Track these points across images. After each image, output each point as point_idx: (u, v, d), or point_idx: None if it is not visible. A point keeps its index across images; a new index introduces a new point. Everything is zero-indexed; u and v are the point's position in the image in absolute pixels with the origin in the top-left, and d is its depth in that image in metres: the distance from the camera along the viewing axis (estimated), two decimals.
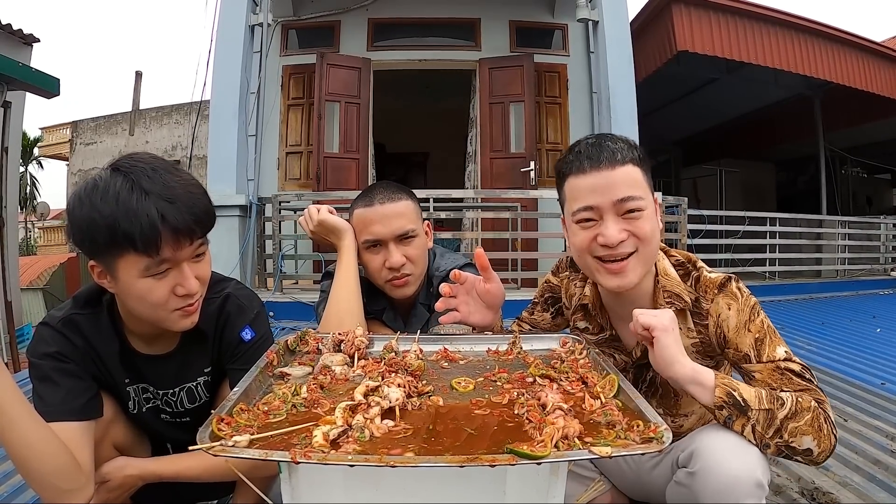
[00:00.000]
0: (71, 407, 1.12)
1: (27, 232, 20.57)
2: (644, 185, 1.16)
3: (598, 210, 1.15)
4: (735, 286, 1.16)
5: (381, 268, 1.55)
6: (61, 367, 1.14)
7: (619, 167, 1.14)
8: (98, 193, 1.01)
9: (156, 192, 1.02)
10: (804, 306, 5.78)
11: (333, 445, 0.75)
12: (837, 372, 3.02)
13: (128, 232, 0.99)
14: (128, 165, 1.05)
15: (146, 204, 1.00)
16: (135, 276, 1.04)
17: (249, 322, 1.27)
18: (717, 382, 0.98)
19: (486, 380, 1.05)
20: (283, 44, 6.57)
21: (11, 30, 6.78)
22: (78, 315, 1.19)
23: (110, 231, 0.99)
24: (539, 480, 0.81)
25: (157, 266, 1.04)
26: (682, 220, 5.49)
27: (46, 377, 1.13)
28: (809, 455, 0.97)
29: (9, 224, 6.05)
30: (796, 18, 7.04)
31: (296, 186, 6.37)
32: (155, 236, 1.00)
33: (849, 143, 10.37)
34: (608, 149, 1.15)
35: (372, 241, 1.54)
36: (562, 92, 6.62)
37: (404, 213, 1.55)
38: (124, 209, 0.99)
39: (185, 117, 15.92)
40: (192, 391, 1.29)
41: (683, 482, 1.05)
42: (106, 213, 0.99)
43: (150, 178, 1.03)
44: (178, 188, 1.05)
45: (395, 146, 9.97)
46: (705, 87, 8.69)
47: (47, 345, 1.15)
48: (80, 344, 1.18)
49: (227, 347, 1.26)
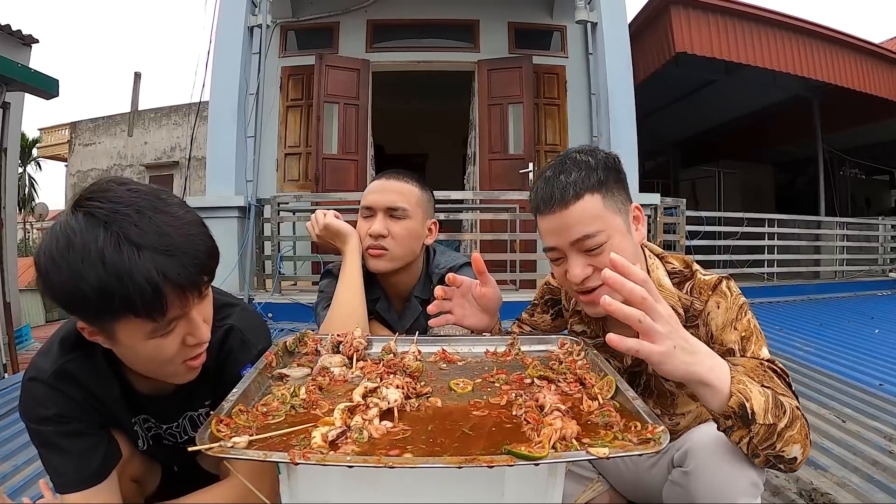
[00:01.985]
0: (88, 472, 1.04)
1: (26, 233, 20.53)
2: (603, 213, 1.12)
3: (559, 250, 1.16)
4: (726, 286, 1.16)
5: (365, 235, 1.59)
6: (65, 429, 1.03)
7: (573, 203, 1.11)
8: (76, 254, 0.83)
9: (149, 244, 0.84)
10: (802, 307, 5.79)
11: (332, 446, 0.75)
12: (836, 373, 3.02)
13: (125, 298, 0.83)
14: (105, 212, 0.85)
15: (141, 263, 0.83)
16: (140, 340, 0.91)
17: (252, 360, 1.12)
18: (733, 390, 0.88)
19: (485, 381, 1.05)
20: (282, 45, 6.58)
21: (10, 30, 6.78)
22: (69, 362, 1.05)
23: (102, 299, 0.83)
24: (537, 481, 0.81)
25: (165, 326, 0.91)
26: (680, 222, 5.50)
27: (52, 444, 1.03)
28: (793, 463, 0.94)
29: (7, 225, 6.04)
30: (794, 20, 7.06)
31: (295, 188, 6.37)
32: (159, 300, 0.85)
33: (847, 144, 10.40)
34: (560, 185, 1.12)
35: (365, 207, 1.60)
36: (560, 93, 6.64)
37: (402, 191, 1.60)
38: (115, 273, 0.82)
39: (184, 118, 15.93)
40: (194, 420, 1.21)
41: (679, 481, 1.05)
42: (92, 281, 0.82)
43: (137, 226, 0.85)
44: (174, 235, 0.88)
45: (393, 147, 9.97)
46: (704, 88, 8.71)
47: (44, 407, 1.03)
48: (78, 396, 1.05)
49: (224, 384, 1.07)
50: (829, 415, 2.44)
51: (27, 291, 9.56)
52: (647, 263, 1.23)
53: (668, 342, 0.84)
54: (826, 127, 9.04)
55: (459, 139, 7.17)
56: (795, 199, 11.18)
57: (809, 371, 3.10)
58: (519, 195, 5.54)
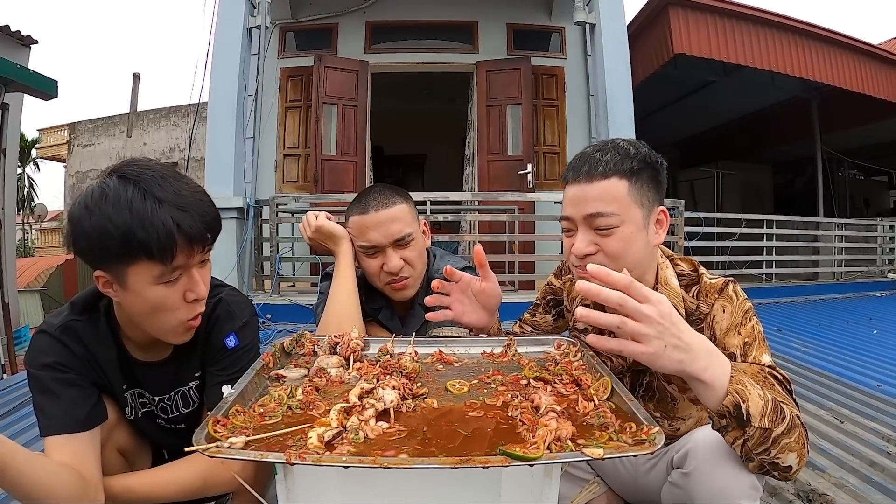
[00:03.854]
0: (75, 419, 1.11)
1: (25, 234, 20.53)
2: (625, 199, 1.13)
3: (572, 221, 1.17)
4: (732, 289, 1.16)
5: (378, 271, 1.55)
6: (61, 377, 1.13)
7: (598, 181, 1.13)
8: (108, 203, 1.00)
9: (168, 200, 1.03)
10: (801, 308, 5.80)
11: (328, 447, 0.75)
12: (834, 374, 3.03)
13: (144, 240, 0.99)
14: (135, 173, 1.04)
15: (161, 212, 1.01)
16: (147, 284, 1.04)
17: (236, 330, 1.26)
18: (731, 389, 0.88)
19: (481, 382, 1.05)
20: (281, 46, 6.58)
21: (9, 31, 6.78)
22: (76, 321, 1.18)
23: (124, 240, 0.99)
24: (533, 482, 0.81)
25: (171, 273, 1.05)
26: (679, 223, 5.50)
27: (47, 389, 1.12)
28: (787, 472, 0.93)
29: (6, 225, 6.04)
30: (793, 21, 7.07)
31: (293, 189, 6.38)
32: (171, 244, 1.01)
33: (846, 145, 10.42)
34: (592, 161, 1.15)
35: (369, 248, 1.54)
36: (559, 94, 6.64)
37: (399, 217, 1.54)
38: (139, 218, 0.99)
39: (183, 119, 15.92)
40: (185, 395, 1.29)
41: (678, 483, 1.05)
42: (119, 223, 0.99)
43: (160, 186, 1.03)
44: (188, 196, 1.06)
45: (392, 148, 9.98)
46: (702, 89, 8.72)
47: (46, 354, 1.14)
48: (79, 351, 1.17)
49: (210, 351, 1.26)
50: (827, 416, 2.44)
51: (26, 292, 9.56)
52: (658, 262, 1.23)
53: (657, 342, 0.84)
54: (824, 128, 9.05)
55: (458, 140, 7.17)
56: (794, 200, 11.21)
57: (808, 372, 3.11)
58: (517, 196, 5.55)
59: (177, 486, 1.15)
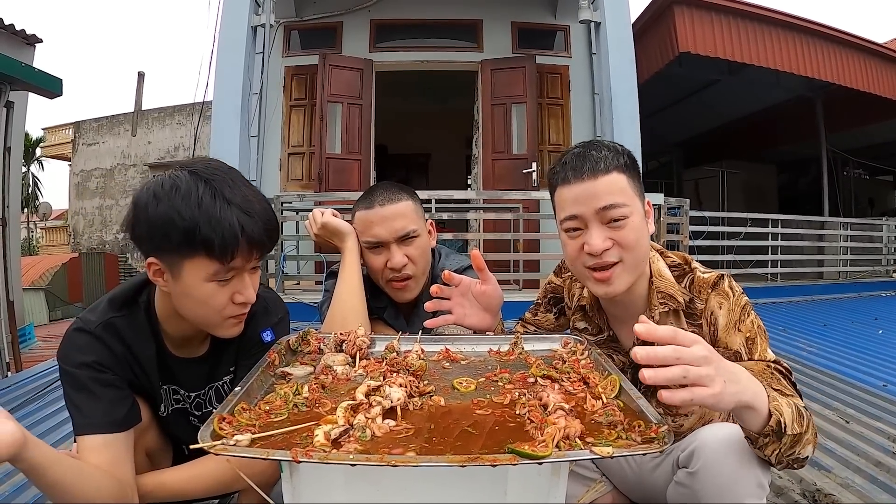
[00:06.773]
0: (113, 419, 1.10)
1: (29, 232, 20.61)
2: (629, 191, 1.16)
3: (582, 219, 1.16)
4: (727, 285, 1.16)
5: (382, 268, 1.56)
6: (100, 377, 1.12)
7: (603, 176, 1.14)
8: (179, 195, 1.03)
9: (237, 203, 1.05)
10: (806, 308, 5.78)
11: (335, 445, 0.75)
12: (839, 373, 3.02)
13: (207, 237, 1.02)
14: (208, 172, 1.07)
15: (228, 213, 1.03)
16: (200, 279, 1.06)
17: (273, 325, 1.29)
18: (772, 408, 0.87)
19: (488, 380, 1.05)
20: (286, 45, 6.58)
21: (14, 30, 6.80)
22: (117, 318, 1.18)
23: (188, 234, 1.01)
24: (540, 480, 0.81)
25: (225, 273, 1.07)
26: (683, 222, 5.48)
27: (84, 387, 1.11)
28: (805, 461, 0.95)
29: (11, 224, 6.06)
30: (798, 20, 7.04)
31: (298, 187, 6.37)
32: (233, 245, 1.04)
33: (850, 144, 10.37)
34: (591, 158, 1.16)
35: (373, 243, 1.55)
36: (564, 93, 6.62)
37: (405, 213, 1.55)
38: (206, 215, 1.02)
39: (188, 118, 15.97)
40: (219, 391, 1.30)
41: (684, 482, 1.05)
42: (186, 216, 1.01)
43: (230, 188, 1.06)
44: (255, 203, 1.09)
45: (397, 147, 9.96)
46: (707, 88, 8.69)
47: (84, 353, 1.13)
48: (119, 350, 1.16)
49: (246, 344, 1.27)
50: (832, 415, 2.43)
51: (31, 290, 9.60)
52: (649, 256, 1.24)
53: (718, 380, 0.79)
54: (829, 127, 9.01)
55: (462, 139, 7.16)
56: (799, 200, 11.17)
57: (813, 372, 3.09)
58: (522, 195, 5.53)
59: (207, 481, 1.16)
